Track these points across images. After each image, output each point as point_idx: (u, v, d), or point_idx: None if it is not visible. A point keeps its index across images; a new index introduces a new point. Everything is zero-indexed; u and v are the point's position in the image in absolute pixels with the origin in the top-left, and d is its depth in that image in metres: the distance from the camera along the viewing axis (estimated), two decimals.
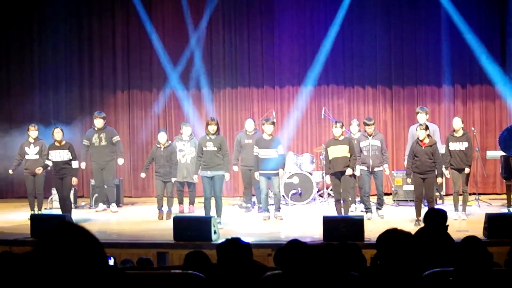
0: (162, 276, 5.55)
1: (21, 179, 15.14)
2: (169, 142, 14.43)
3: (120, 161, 15.51)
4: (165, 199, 14.33)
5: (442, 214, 7.53)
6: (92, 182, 15.91)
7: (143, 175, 15.00)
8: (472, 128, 15.92)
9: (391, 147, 16.98)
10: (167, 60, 17.87)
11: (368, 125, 13.81)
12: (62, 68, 18.15)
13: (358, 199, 14.47)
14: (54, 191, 15.15)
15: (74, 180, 13.95)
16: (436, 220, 7.39)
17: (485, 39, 17.08)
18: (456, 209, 13.27)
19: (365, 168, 13.65)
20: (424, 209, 12.92)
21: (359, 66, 17.57)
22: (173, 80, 17.91)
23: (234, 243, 5.56)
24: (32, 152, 14.28)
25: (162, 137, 14.24)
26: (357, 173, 13.50)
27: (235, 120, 17.82)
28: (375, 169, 13.67)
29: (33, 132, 14.39)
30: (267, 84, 17.89)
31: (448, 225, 7.50)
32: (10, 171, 14.58)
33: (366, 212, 13.65)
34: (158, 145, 14.25)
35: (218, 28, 17.85)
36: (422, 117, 14.32)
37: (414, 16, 17.39)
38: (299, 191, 15.69)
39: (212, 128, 13.02)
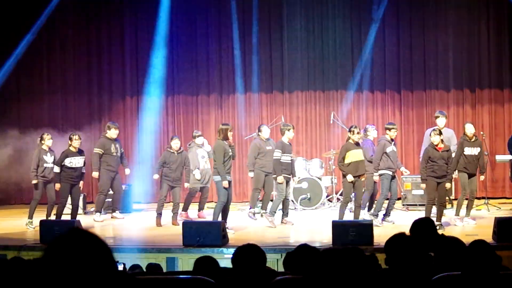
0: (172, 281, 5.56)
1: (30, 186, 15.11)
2: (181, 148, 14.44)
3: (128, 171, 15.46)
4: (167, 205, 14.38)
5: (429, 221, 7.36)
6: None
7: (156, 176, 14.71)
8: (481, 132, 15.90)
9: (400, 151, 16.90)
10: (175, 66, 17.92)
11: (390, 129, 13.68)
12: (70, 73, 18.21)
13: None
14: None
15: (82, 184, 14.10)
16: (424, 228, 7.17)
17: (494, 42, 17.09)
18: (457, 214, 13.24)
19: (390, 173, 13.60)
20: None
21: (367, 70, 17.56)
22: (182, 85, 17.96)
23: (252, 249, 5.54)
24: (49, 161, 14.24)
25: (176, 143, 14.23)
26: (376, 178, 13.50)
27: (243, 125, 17.82)
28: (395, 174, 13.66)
29: (49, 140, 14.35)
30: (276, 89, 17.90)
31: (437, 229, 7.35)
32: (35, 181, 14.27)
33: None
34: (171, 151, 14.23)
35: (227, 33, 17.87)
36: (442, 121, 14.27)
37: (423, 21, 17.39)
38: (308, 196, 15.69)
39: (231, 134, 13.07)
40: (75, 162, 13.87)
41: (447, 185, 12.82)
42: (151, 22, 17.95)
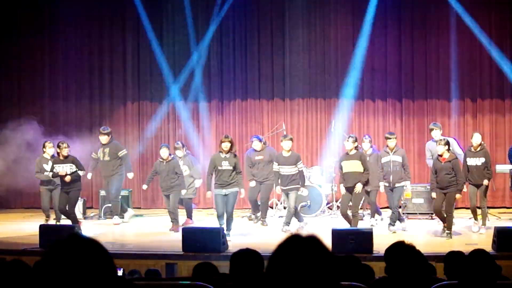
0: (171, 287, 5.55)
1: (30, 190, 15.13)
2: (172, 156, 14.43)
3: (130, 175, 15.51)
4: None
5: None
6: (102, 193, 15.96)
7: (145, 187, 15.00)
8: (482, 142, 15.90)
9: None
10: (177, 72, 17.89)
11: (389, 139, 13.73)
12: (72, 79, 18.22)
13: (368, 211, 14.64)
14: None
15: (68, 178, 13.85)
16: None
17: (496, 52, 17.08)
18: (476, 219, 13.20)
19: (387, 184, 13.60)
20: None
21: (369, 79, 17.56)
22: (183, 91, 17.94)
23: (249, 253, 5.53)
24: (48, 169, 14.25)
25: (163, 152, 14.26)
26: (381, 189, 13.58)
27: (244, 132, 17.79)
28: (396, 185, 13.59)
29: (50, 149, 14.42)
30: (277, 96, 17.88)
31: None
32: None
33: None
34: (161, 160, 14.26)
35: (228, 40, 17.86)
36: (437, 133, 14.25)
37: (424, 30, 17.39)
38: (308, 204, 15.66)
39: (225, 145, 13.05)
40: (60, 169, 13.89)
41: (457, 196, 12.69)
42: (153, 27, 17.96)
